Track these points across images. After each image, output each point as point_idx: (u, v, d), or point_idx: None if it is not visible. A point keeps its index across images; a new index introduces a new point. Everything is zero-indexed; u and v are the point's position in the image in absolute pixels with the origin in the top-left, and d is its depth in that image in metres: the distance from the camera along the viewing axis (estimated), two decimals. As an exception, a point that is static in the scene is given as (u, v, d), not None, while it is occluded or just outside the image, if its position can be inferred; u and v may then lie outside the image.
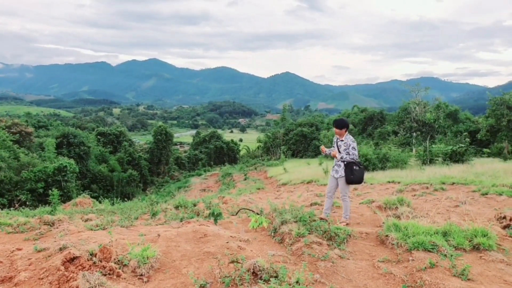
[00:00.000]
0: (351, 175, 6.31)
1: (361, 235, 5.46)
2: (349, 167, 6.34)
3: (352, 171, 6.32)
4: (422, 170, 18.68)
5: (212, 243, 4.83)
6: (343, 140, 6.49)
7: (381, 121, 53.82)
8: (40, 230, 6.18)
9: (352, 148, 6.37)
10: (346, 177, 6.35)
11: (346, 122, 6.62)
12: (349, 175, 6.32)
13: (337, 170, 6.52)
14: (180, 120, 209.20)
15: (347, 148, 6.38)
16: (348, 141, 6.43)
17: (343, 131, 6.51)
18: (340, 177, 6.45)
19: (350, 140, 6.46)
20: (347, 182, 6.40)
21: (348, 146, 6.39)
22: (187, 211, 8.60)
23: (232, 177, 36.09)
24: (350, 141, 6.43)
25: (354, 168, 6.34)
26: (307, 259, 4.40)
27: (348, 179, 6.36)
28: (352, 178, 6.32)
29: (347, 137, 6.51)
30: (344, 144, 6.43)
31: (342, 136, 6.52)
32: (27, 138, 38.52)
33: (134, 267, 3.84)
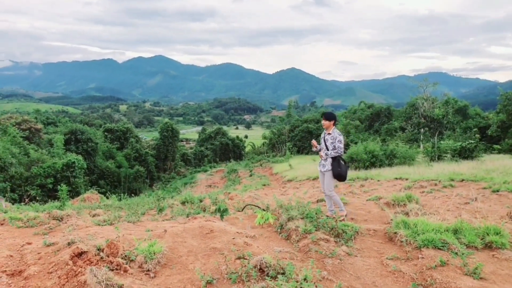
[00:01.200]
0: (338, 168, 6.25)
1: (368, 232, 5.42)
2: (336, 160, 6.29)
3: (339, 164, 6.27)
4: (430, 166, 18.51)
5: (218, 239, 4.82)
6: (330, 133, 6.42)
7: (388, 117, 53.46)
8: (49, 225, 6.23)
9: (338, 141, 6.29)
10: (333, 170, 6.28)
11: (334, 115, 6.59)
12: (336, 167, 6.26)
13: (324, 164, 6.45)
14: (186, 116, 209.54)
15: (333, 142, 6.30)
16: (334, 134, 6.37)
17: (331, 124, 6.45)
18: (327, 170, 6.38)
19: (337, 133, 6.39)
20: (334, 175, 6.33)
21: (335, 139, 6.31)
22: (193, 207, 8.61)
23: (238, 173, 36.13)
24: (336, 134, 6.36)
25: (340, 162, 6.31)
26: (314, 256, 4.37)
27: (335, 172, 6.28)
28: (339, 171, 6.25)
29: (334, 130, 6.44)
30: (331, 137, 6.36)
31: (330, 129, 6.46)
32: (37, 134, 38.83)
33: (141, 262, 3.84)
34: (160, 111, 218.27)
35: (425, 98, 34.70)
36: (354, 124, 51.54)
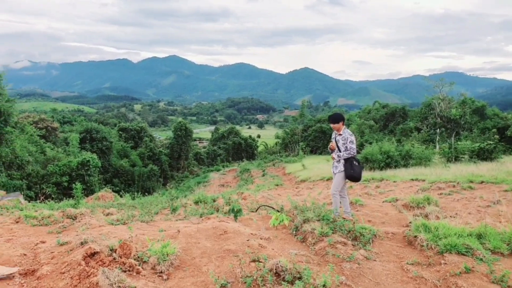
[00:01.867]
0: (351, 170, 6.07)
1: (387, 235, 5.25)
2: (349, 162, 6.10)
3: (352, 165, 6.09)
4: (447, 168, 18.12)
5: (232, 240, 4.71)
6: (341, 134, 6.23)
7: (403, 117, 52.67)
8: (63, 224, 6.23)
9: (350, 142, 6.10)
10: (346, 171, 6.10)
11: (341, 115, 6.38)
12: (349, 169, 6.07)
13: (337, 166, 6.27)
14: (199, 116, 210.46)
15: (345, 143, 6.12)
16: (346, 135, 6.18)
17: (340, 125, 6.24)
18: (339, 171, 6.20)
19: (348, 133, 6.20)
20: (347, 176, 6.15)
21: (346, 140, 6.13)
22: (206, 207, 8.54)
23: (250, 173, 36.03)
24: (348, 135, 6.17)
25: (354, 163, 6.13)
26: (331, 259, 4.24)
27: (348, 174, 6.10)
28: (352, 173, 6.07)
29: (344, 131, 6.25)
30: (342, 138, 6.18)
31: (340, 130, 6.26)
32: (53, 133, 39.40)
33: (154, 264, 3.76)
34: (174, 111, 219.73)
35: (441, 98, 34.05)
36: (369, 124, 50.94)
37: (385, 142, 24.95)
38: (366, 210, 7.63)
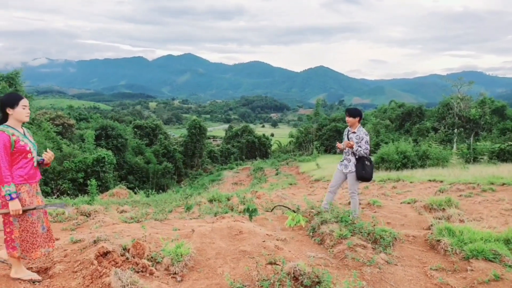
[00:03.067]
0: (363, 170, 5.82)
1: (407, 238, 5.05)
2: (360, 162, 5.85)
3: (363, 166, 5.83)
4: (466, 169, 17.72)
5: (247, 241, 4.58)
6: (356, 132, 5.95)
7: (419, 117, 51.79)
8: (77, 221, 6.20)
9: (365, 142, 5.84)
10: (357, 172, 5.85)
11: (360, 111, 6.10)
12: (361, 170, 5.82)
13: (347, 165, 6.01)
14: (213, 114, 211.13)
15: (359, 142, 5.85)
16: (360, 134, 5.89)
17: (356, 120, 5.96)
18: (350, 172, 5.95)
19: (363, 132, 5.91)
20: (358, 178, 5.90)
21: (361, 139, 5.85)
22: (221, 205, 8.43)
23: (264, 172, 35.92)
24: (363, 134, 5.89)
25: (365, 163, 5.87)
26: (350, 263, 4.07)
27: (359, 175, 5.85)
28: (363, 174, 5.83)
29: (359, 129, 5.97)
30: (356, 136, 5.90)
31: (355, 127, 5.99)
32: (69, 129, 39.91)
33: (168, 265, 3.66)
34: (188, 109, 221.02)
35: (461, 98, 33.33)
36: (384, 123, 50.28)
37: (402, 142, 24.58)
38: (384, 211, 7.42)
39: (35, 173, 3.56)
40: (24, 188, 3.43)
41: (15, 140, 3.35)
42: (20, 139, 3.40)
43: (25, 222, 3.41)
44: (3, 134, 3.29)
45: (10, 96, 3.47)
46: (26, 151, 3.43)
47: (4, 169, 3.23)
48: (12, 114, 3.41)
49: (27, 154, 3.45)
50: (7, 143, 3.29)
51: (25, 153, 3.43)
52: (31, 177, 3.50)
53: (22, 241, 3.40)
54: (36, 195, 3.55)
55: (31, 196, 3.47)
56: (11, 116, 3.42)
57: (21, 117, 3.45)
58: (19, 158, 3.40)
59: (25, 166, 3.44)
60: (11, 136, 3.32)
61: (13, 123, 3.43)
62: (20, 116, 3.44)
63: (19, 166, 3.40)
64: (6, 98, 3.45)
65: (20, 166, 3.41)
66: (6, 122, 3.42)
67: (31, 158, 3.50)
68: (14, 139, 3.34)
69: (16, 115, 3.42)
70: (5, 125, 3.38)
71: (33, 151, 3.52)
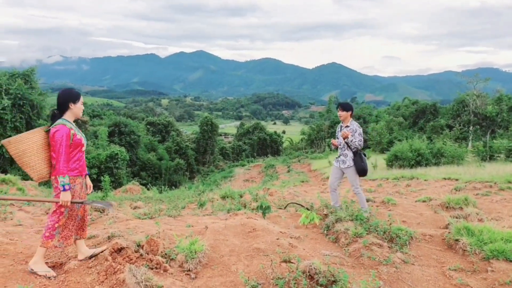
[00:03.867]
0: (362, 162, 5.74)
1: (424, 237, 4.96)
2: (358, 155, 5.78)
3: (362, 158, 5.77)
4: (482, 167, 17.38)
5: (261, 238, 4.54)
6: (349, 125, 5.90)
7: (433, 114, 50.97)
8: (91, 216, 6.23)
9: (358, 134, 5.77)
10: (357, 165, 5.75)
11: (351, 106, 6.07)
12: (360, 162, 5.74)
13: (344, 161, 5.93)
14: (225, 111, 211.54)
15: (353, 135, 5.79)
16: (354, 127, 5.85)
17: (348, 114, 5.92)
18: (349, 167, 5.86)
19: (356, 125, 5.87)
20: (358, 171, 5.80)
21: (354, 131, 5.79)
22: (233, 202, 8.41)
23: (275, 169, 35.83)
24: (356, 127, 5.85)
25: (363, 156, 5.81)
26: (366, 262, 4.00)
27: (359, 167, 5.75)
28: (363, 166, 5.75)
29: (352, 122, 5.92)
30: (349, 130, 5.85)
31: (347, 121, 5.95)
32: (83, 126, 40.28)
33: (182, 261, 3.63)
34: (200, 106, 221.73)
35: (477, 95, 32.71)
36: (398, 121, 49.63)
37: (416, 140, 24.23)
38: (399, 209, 7.30)
39: (85, 166, 3.76)
40: (78, 181, 3.61)
41: (73, 134, 3.50)
42: (77, 133, 3.56)
43: (72, 212, 3.58)
44: (65, 127, 3.43)
45: (73, 92, 3.65)
46: (82, 144, 3.60)
47: (63, 161, 3.37)
48: (72, 109, 3.58)
49: (82, 148, 3.63)
50: (68, 136, 3.43)
51: (81, 146, 3.60)
52: (83, 170, 3.69)
53: (64, 229, 3.56)
54: (83, 186, 3.73)
55: (81, 188, 3.66)
56: (70, 111, 3.58)
57: (79, 112, 3.67)
58: (75, 151, 3.55)
59: (80, 159, 3.62)
60: (70, 129, 3.47)
61: (70, 117, 3.59)
62: (78, 112, 3.65)
63: (75, 159, 3.56)
64: (70, 92, 3.62)
65: (76, 158, 3.58)
66: (63, 117, 3.55)
67: (83, 152, 3.69)
68: (72, 133, 3.49)
69: (76, 110, 3.61)
70: (63, 119, 3.51)
71: (85, 144, 3.70)
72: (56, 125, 3.43)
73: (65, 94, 3.57)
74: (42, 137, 3.48)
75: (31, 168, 3.46)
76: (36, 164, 3.46)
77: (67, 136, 3.41)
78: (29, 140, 3.42)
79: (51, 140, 3.43)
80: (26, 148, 3.41)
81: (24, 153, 3.41)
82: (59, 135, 3.37)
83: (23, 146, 3.40)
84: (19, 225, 5.25)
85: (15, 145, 3.39)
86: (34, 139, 3.44)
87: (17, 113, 17.60)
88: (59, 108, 3.57)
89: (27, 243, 4.26)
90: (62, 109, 3.56)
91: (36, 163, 3.46)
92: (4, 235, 4.40)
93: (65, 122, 3.48)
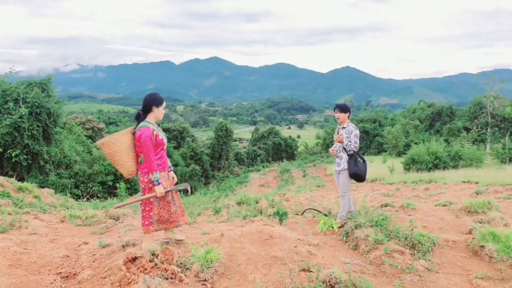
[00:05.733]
0: (355, 167, 5.56)
1: (447, 243, 4.76)
2: (353, 158, 5.62)
3: (356, 162, 5.59)
4: (502, 169, 16.94)
5: (279, 246, 4.42)
6: (345, 127, 5.76)
7: (450, 116, 50.11)
8: (106, 224, 6.19)
9: (354, 135, 5.63)
10: (350, 169, 5.59)
11: (349, 107, 5.95)
12: (353, 166, 5.56)
13: (339, 163, 5.78)
14: (240, 116, 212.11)
15: (349, 135, 5.66)
16: (350, 128, 5.71)
17: (346, 116, 5.79)
18: (342, 169, 5.71)
19: (352, 127, 5.73)
20: (350, 174, 5.62)
21: (350, 132, 5.66)
22: (249, 208, 8.30)
23: (291, 174, 35.61)
24: (352, 128, 5.71)
25: (358, 159, 5.62)
26: (388, 270, 3.85)
27: (351, 171, 5.58)
28: (356, 170, 5.55)
29: (349, 124, 5.78)
30: (346, 131, 5.71)
31: (344, 123, 5.80)
32: (99, 133, 40.85)
33: (197, 271, 3.54)
34: (215, 111, 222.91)
35: (494, 96, 32.03)
36: (414, 123, 48.95)
37: (433, 142, 23.80)
38: (419, 214, 7.09)
39: (167, 162, 4.26)
40: (162, 175, 4.05)
41: (156, 134, 3.95)
42: (159, 133, 4.00)
43: (163, 202, 4.07)
44: (148, 129, 3.89)
45: (157, 97, 4.09)
46: (163, 143, 4.07)
47: (152, 159, 3.85)
48: (155, 112, 4.03)
49: (164, 146, 4.10)
50: (152, 136, 3.88)
51: (162, 145, 4.06)
52: (166, 165, 4.19)
53: (159, 217, 4.07)
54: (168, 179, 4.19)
55: (166, 180, 4.12)
56: (152, 114, 4.04)
57: (160, 116, 4.10)
58: (158, 149, 4.01)
59: (162, 156, 4.10)
60: (153, 131, 3.91)
61: (152, 119, 4.04)
62: (160, 115, 4.08)
63: (159, 156, 4.03)
64: (155, 97, 4.07)
65: (159, 156, 4.05)
66: (146, 119, 4.02)
67: (165, 150, 4.20)
68: (155, 134, 3.94)
69: (158, 113, 4.05)
70: (146, 121, 3.98)
71: (166, 142, 4.17)
72: (140, 128, 3.91)
73: (150, 98, 4.03)
74: (129, 138, 3.98)
75: (121, 166, 3.97)
76: (125, 163, 3.97)
77: (151, 137, 3.86)
78: (119, 142, 3.92)
79: (137, 141, 3.93)
80: (117, 149, 3.89)
81: (115, 153, 3.90)
82: (144, 137, 3.83)
83: (114, 147, 3.89)
84: (34, 234, 5.24)
85: (108, 146, 3.90)
86: (123, 140, 3.94)
87: (34, 121, 17.85)
88: (144, 110, 4.04)
89: (41, 253, 4.23)
90: (146, 111, 4.03)
91: (125, 162, 3.97)
92: (18, 244, 4.38)
93: (147, 124, 3.93)
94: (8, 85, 18.55)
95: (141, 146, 3.88)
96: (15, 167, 17.74)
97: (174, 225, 4.18)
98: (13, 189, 9.51)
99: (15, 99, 17.96)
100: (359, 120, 55.25)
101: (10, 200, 8.15)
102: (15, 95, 18.00)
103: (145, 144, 3.83)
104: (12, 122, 17.06)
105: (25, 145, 17.55)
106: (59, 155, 20.25)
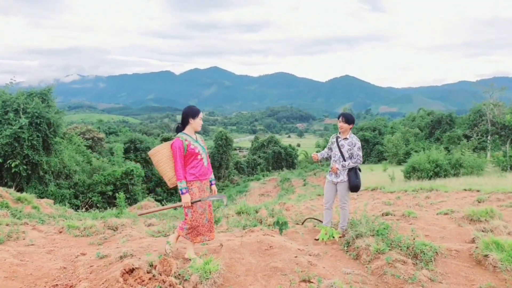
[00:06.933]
0: (356, 179, 5.39)
1: (450, 252, 4.70)
2: (353, 170, 5.43)
3: (357, 174, 5.43)
4: (504, 177, 16.87)
5: (279, 256, 4.36)
6: (348, 138, 5.52)
7: (450, 124, 50.13)
8: (104, 235, 6.13)
9: (357, 148, 5.43)
10: (351, 181, 5.39)
11: (354, 118, 5.70)
12: (354, 178, 5.38)
13: (338, 175, 5.54)
14: (239, 125, 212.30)
15: (351, 148, 5.45)
16: (353, 140, 5.47)
17: (350, 127, 5.54)
18: (342, 181, 5.50)
19: (355, 139, 5.50)
20: (351, 187, 5.44)
21: (353, 145, 5.43)
22: (249, 218, 8.23)
23: (291, 183, 35.51)
24: (355, 140, 5.48)
25: (358, 172, 5.47)
26: (390, 281, 3.79)
27: (353, 183, 5.39)
28: (357, 183, 5.39)
29: (351, 135, 5.55)
30: (349, 143, 5.47)
31: (347, 134, 5.56)
32: (99, 143, 40.79)
33: (196, 282, 3.48)
34: (214, 121, 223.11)
35: (494, 104, 32.09)
36: (414, 131, 48.96)
37: (433, 150, 23.75)
38: (421, 223, 7.02)
39: (205, 172, 4.28)
40: (195, 184, 4.15)
41: (187, 145, 4.11)
42: (192, 143, 4.16)
43: (195, 214, 4.14)
44: (178, 140, 4.09)
45: (193, 109, 4.29)
46: (196, 153, 4.17)
47: (178, 169, 4.03)
48: (192, 123, 4.24)
49: (197, 156, 4.19)
50: (181, 147, 4.06)
51: (195, 155, 4.17)
52: (202, 175, 4.22)
53: (190, 228, 4.17)
54: (205, 190, 4.25)
55: (201, 191, 4.18)
56: (190, 125, 4.25)
57: (197, 126, 4.31)
58: (191, 159, 4.14)
59: (196, 166, 4.18)
60: (184, 141, 4.09)
61: (189, 131, 4.25)
62: (197, 126, 4.29)
63: (191, 166, 4.14)
64: (190, 110, 4.28)
65: (192, 165, 4.15)
66: (184, 130, 4.24)
67: (201, 159, 4.24)
68: (186, 144, 4.10)
69: (195, 124, 4.26)
70: (182, 133, 4.20)
71: (202, 153, 4.26)
72: (174, 138, 4.15)
73: (186, 111, 4.26)
74: (169, 149, 4.17)
75: (164, 175, 4.21)
76: (166, 172, 4.19)
77: (179, 147, 4.03)
78: (160, 153, 4.17)
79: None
80: (160, 158, 4.15)
81: (158, 162, 4.16)
82: (173, 147, 4.07)
83: (158, 156, 4.16)
84: (31, 245, 5.17)
85: (154, 156, 4.20)
86: (163, 151, 4.17)
87: (34, 132, 17.81)
88: (182, 122, 4.27)
89: (38, 264, 4.16)
90: (184, 124, 4.25)
91: (167, 171, 4.18)
92: (15, 256, 4.32)
93: (181, 135, 4.15)
94: (9, 96, 18.56)
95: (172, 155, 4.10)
96: (14, 178, 17.67)
97: (200, 239, 4.23)
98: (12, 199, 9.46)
99: (15, 109, 17.96)
100: (359, 128, 55.27)
101: (9, 211, 8.09)
102: (16, 105, 18.00)
103: (174, 154, 4.05)
104: (12, 133, 17.03)
105: (24, 155, 17.49)
106: (58, 165, 20.19)
